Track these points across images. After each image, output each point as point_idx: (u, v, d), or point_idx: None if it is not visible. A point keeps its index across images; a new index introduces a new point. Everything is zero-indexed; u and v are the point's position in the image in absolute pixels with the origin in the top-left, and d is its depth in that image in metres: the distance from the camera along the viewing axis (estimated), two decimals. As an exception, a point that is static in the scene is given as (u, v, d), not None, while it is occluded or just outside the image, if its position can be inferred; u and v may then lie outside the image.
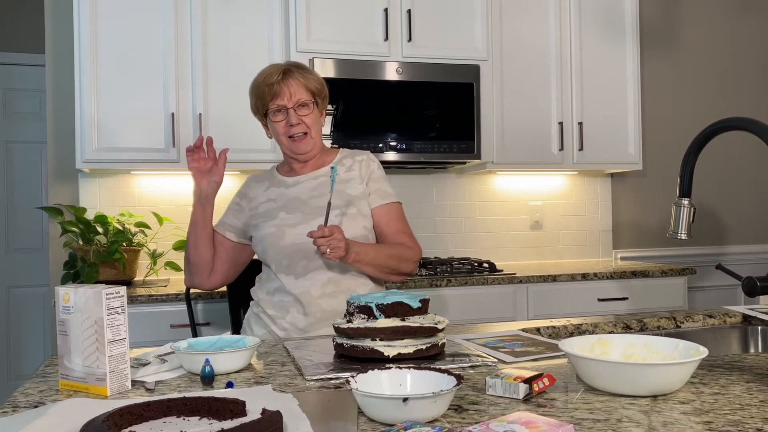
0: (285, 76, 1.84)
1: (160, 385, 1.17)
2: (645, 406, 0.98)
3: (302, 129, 1.85)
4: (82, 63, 2.83)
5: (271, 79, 1.83)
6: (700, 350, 1.09)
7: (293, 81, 1.84)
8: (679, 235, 1.43)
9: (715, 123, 1.34)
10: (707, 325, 1.76)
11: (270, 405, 0.97)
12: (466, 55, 3.19)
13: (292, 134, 1.85)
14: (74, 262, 2.92)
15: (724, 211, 4.08)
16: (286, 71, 1.85)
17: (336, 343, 1.34)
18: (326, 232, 1.63)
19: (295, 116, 1.83)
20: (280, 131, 1.86)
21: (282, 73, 1.84)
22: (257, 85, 1.87)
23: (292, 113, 1.83)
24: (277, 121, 1.85)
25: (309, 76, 1.87)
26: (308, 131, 1.86)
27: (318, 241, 1.64)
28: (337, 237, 1.65)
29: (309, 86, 1.86)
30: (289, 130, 1.85)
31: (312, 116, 1.86)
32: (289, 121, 1.84)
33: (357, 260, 1.75)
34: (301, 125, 1.85)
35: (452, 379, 0.98)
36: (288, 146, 1.87)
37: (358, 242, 1.77)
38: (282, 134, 1.86)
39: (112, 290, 1.13)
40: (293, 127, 1.84)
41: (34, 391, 1.14)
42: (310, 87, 1.86)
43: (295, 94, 1.83)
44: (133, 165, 2.92)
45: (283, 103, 1.83)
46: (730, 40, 4.13)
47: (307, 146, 1.87)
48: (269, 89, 1.83)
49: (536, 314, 3.05)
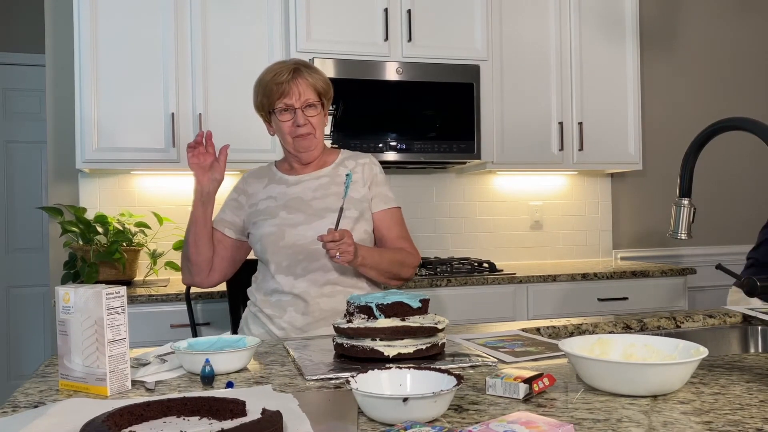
0: (294, 75, 1.82)
1: (160, 385, 1.17)
2: (645, 406, 0.98)
3: (308, 130, 1.84)
4: (82, 63, 2.83)
5: (281, 78, 1.81)
6: (700, 350, 1.09)
7: (302, 80, 1.82)
8: (679, 235, 1.43)
9: (715, 123, 1.34)
10: (707, 325, 1.76)
11: (270, 405, 0.97)
12: (466, 55, 3.19)
13: (298, 134, 1.83)
14: (74, 262, 2.92)
15: (724, 211, 4.08)
16: (295, 70, 1.83)
17: (336, 343, 1.34)
18: (337, 236, 1.63)
19: (303, 116, 1.82)
20: (286, 130, 1.84)
21: (291, 72, 1.82)
22: (265, 82, 1.84)
23: (300, 113, 1.82)
24: (284, 120, 1.83)
25: (317, 75, 1.86)
26: (313, 132, 1.85)
27: (328, 245, 1.64)
28: (347, 241, 1.65)
29: (317, 86, 1.84)
30: (296, 130, 1.83)
31: (318, 117, 1.85)
32: (296, 121, 1.82)
33: (363, 264, 1.75)
34: (308, 126, 1.83)
35: (452, 379, 0.98)
36: (293, 146, 1.86)
37: (363, 246, 1.77)
38: (288, 133, 1.84)
39: (112, 290, 1.13)
40: (300, 128, 1.83)
41: (34, 391, 1.14)
42: (318, 87, 1.85)
43: (304, 93, 1.82)
44: (133, 165, 2.92)
45: (291, 102, 1.81)
46: (731, 40, 4.13)
47: (311, 145, 1.86)
48: (278, 87, 1.81)
49: (536, 314, 3.05)
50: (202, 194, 1.80)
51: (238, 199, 1.94)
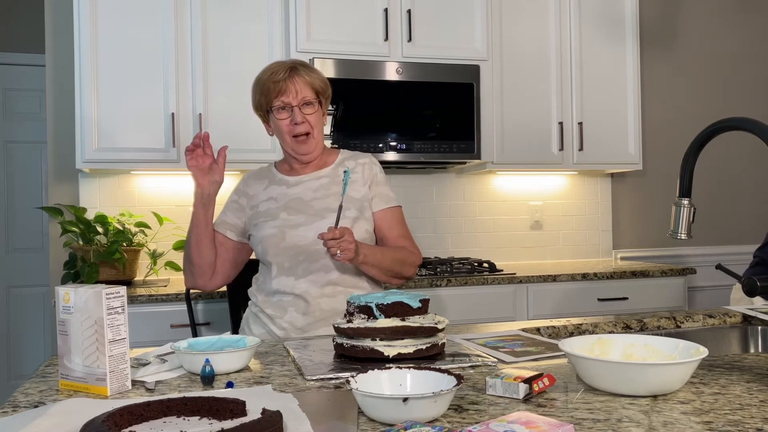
0: (291, 73, 1.82)
1: (160, 385, 1.17)
2: (645, 406, 0.98)
3: (306, 128, 1.84)
4: (82, 63, 2.83)
5: (277, 76, 1.81)
6: (700, 350, 1.09)
7: (299, 79, 1.82)
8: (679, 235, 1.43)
9: (715, 123, 1.34)
10: (707, 325, 1.76)
11: (270, 405, 0.97)
12: (466, 55, 3.19)
13: (296, 133, 1.83)
14: (74, 262, 2.92)
15: (724, 211, 4.08)
16: (292, 68, 1.83)
17: (336, 343, 1.34)
18: (337, 233, 1.63)
19: (300, 114, 1.82)
20: (284, 129, 1.84)
21: (288, 71, 1.82)
22: (262, 81, 1.84)
23: (297, 111, 1.82)
24: (281, 119, 1.84)
25: (314, 75, 1.86)
26: (311, 131, 1.85)
27: (329, 243, 1.63)
28: (347, 239, 1.65)
29: (314, 85, 1.84)
30: (293, 129, 1.83)
31: (316, 116, 1.85)
32: (293, 119, 1.82)
33: (365, 262, 1.75)
34: (305, 124, 1.83)
35: (452, 379, 0.98)
36: (291, 145, 1.86)
37: (365, 244, 1.77)
38: (286, 132, 1.84)
39: (112, 290, 1.13)
40: (297, 126, 1.82)
41: (34, 391, 1.14)
42: (315, 86, 1.85)
43: (301, 92, 1.82)
44: (133, 165, 2.92)
45: (288, 100, 1.82)
46: (731, 40, 4.13)
47: (310, 147, 1.86)
48: (275, 86, 1.81)
49: (536, 314, 3.05)
50: (203, 197, 1.80)
51: (239, 201, 1.94)
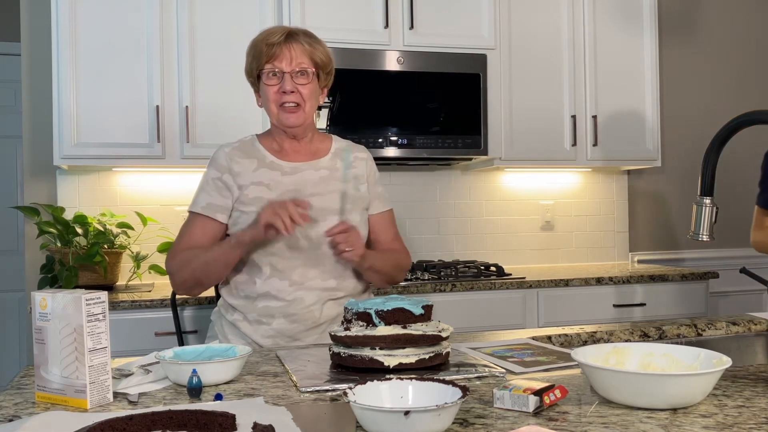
0: (288, 38, 1.78)
1: (143, 398, 1.17)
2: (664, 420, 0.98)
3: (296, 98, 1.78)
4: (60, 52, 2.83)
5: (272, 39, 1.76)
6: (723, 360, 1.09)
7: (297, 45, 1.77)
8: (700, 237, 1.43)
9: (738, 116, 1.34)
10: (731, 333, 1.77)
11: (262, 419, 0.97)
12: (472, 43, 3.19)
13: (283, 101, 1.77)
14: (52, 265, 2.92)
15: (749, 210, 4.07)
16: (291, 33, 1.79)
17: (332, 352, 1.34)
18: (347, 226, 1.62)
19: (291, 83, 1.76)
20: (271, 97, 1.78)
21: (286, 35, 1.78)
22: (256, 43, 1.80)
23: (288, 79, 1.76)
24: (270, 85, 1.78)
25: (316, 44, 1.81)
26: (302, 103, 1.79)
27: (337, 238, 1.62)
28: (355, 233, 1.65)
29: (314, 56, 1.80)
30: (281, 97, 1.77)
31: (309, 87, 1.79)
32: (282, 87, 1.77)
33: (371, 267, 1.76)
34: (296, 94, 1.77)
35: (457, 390, 0.98)
36: (276, 115, 1.80)
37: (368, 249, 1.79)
38: (272, 101, 1.79)
39: (92, 296, 1.13)
40: (286, 95, 1.77)
41: (8, 404, 1.14)
42: (315, 57, 1.80)
43: (296, 58, 1.77)
44: (114, 161, 2.92)
45: (280, 66, 1.76)
46: (755, 27, 4.13)
47: (297, 119, 1.79)
48: (268, 49, 1.76)
49: (547, 321, 3.06)
50: (254, 242, 1.73)
51: (222, 177, 1.82)
